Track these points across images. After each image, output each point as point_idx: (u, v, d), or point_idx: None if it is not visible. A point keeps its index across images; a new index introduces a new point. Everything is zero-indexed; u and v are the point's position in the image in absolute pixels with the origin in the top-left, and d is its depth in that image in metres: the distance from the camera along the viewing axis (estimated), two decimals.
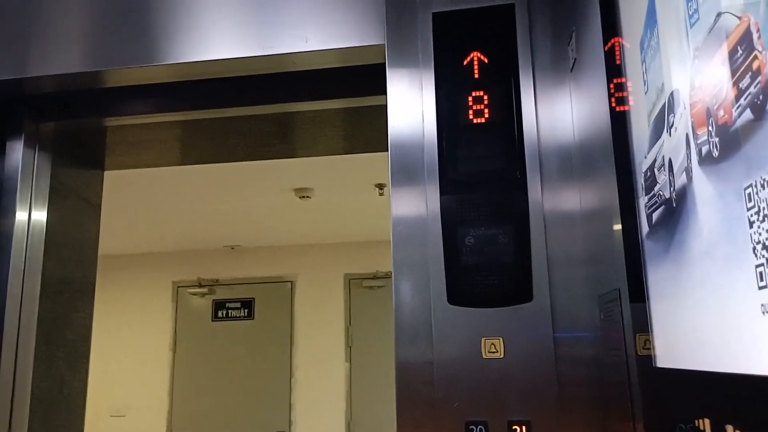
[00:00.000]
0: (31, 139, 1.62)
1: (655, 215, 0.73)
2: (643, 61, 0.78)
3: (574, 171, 1.22)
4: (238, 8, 1.46)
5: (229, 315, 7.02)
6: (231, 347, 6.87)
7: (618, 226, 0.94)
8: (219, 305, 7.08)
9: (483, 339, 1.18)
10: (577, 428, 1.14)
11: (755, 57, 0.43)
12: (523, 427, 1.14)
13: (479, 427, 1.15)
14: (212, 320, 7.04)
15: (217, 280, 7.09)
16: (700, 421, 0.57)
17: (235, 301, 7.03)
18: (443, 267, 1.22)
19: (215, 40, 1.45)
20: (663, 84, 0.69)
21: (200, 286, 7.07)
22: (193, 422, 6.76)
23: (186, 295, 7.11)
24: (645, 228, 0.78)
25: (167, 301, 7.12)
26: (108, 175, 1.94)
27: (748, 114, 0.45)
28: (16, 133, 1.60)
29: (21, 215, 1.57)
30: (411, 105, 1.32)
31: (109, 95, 1.60)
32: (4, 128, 1.59)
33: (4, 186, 1.56)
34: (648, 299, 0.77)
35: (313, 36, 1.42)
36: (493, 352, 1.18)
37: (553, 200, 1.23)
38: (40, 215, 1.61)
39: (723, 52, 0.48)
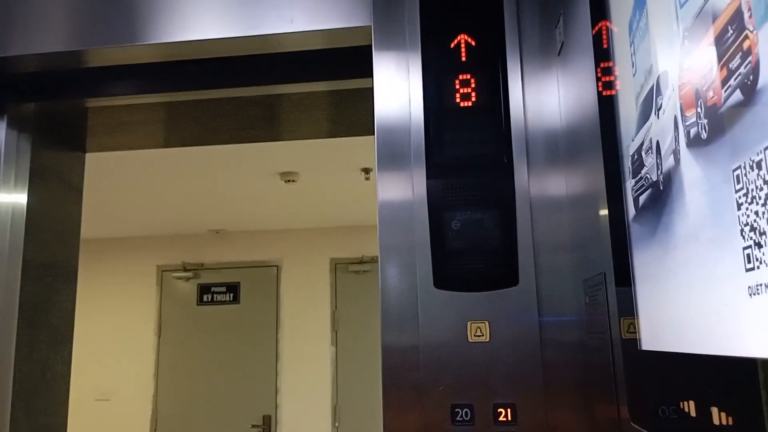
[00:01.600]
0: (13, 119, 1.58)
1: (641, 198, 0.73)
2: (632, 43, 0.78)
3: (561, 155, 1.22)
4: None
5: (215, 299, 7.00)
6: (216, 331, 6.86)
7: (604, 211, 0.94)
8: (204, 289, 7.05)
9: (469, 323, 1.18)
10: (562, 411, 1.15)
11: (746, 37, 0.43)
12: (509, 410, 1.14)
13: (465, 410, 1.16)
14: (197, 304, 7.01)
15: (202, 264, 7.06)
16: (685, 403, 0.57)
17: (220, 286, 7.00)
18: (429, 251, 1.22)
19: (199, 20, 1.43)
20: (651, 66, 0.68)
21: (185, 270, 7.03)
22: (178, 406, 6.76)
23: (170, 279, 7.07)
24: (631, 211, 0.78)
25: (152, 285, 7.08)
26: (90, 157, 1.92)
27: (737, 95, 0.45)
28: None
29: (2, 198, 1.54)
30: (398, 88, 1.31)
31: (91, 75, 1.57)
32: None
33: None
34: (633, 283, 0.78)
35: (299, 17, 1.40)
36: (479, 336, 1.18)
37: (540, 185, 1.23)
38: (21, 198, 1.58)
39: (713, 32, 0.48)
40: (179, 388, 6.79)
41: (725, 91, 0.46)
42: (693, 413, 0.56)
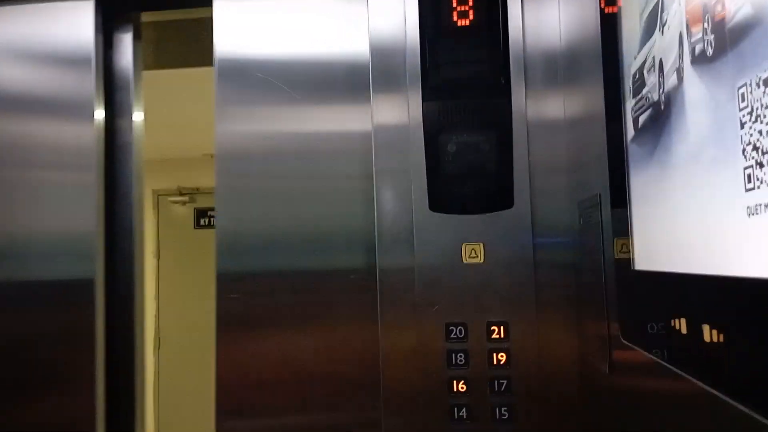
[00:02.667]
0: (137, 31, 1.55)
1: (641, 119, 0.72)
2: None
3: (559, 77, 1.20)
4: None
5: (211, 223, 7.05)
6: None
7: (602, 132, 0.93)
8: (201, 213, 7.08)
9: (464, 244, 1.20)
10: (554, 328, 1.18)
11: None
12: (501, 328, 1.18)
13: (459, 327, 1.19)
14: (195, 228, 7.06)
15: (197, 189, 7.05)
16: (676, 320, 0.58)
17: None
18: (425, 174, 1.21)
19: None
20: None
21: (181, 194, 7.03)
22: (180, 325, 6.93)
23: (167, 204, 7.08)
24: (630, 132, 0.77)
25: (149, 209, 7.09)
26: None
27: (747, 8, 0.43)
28: (125, 24, 1.53)
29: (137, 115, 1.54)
30: (393, 5, 1.27)
31: None
32: (112, 19, 1.50)
33: (116, 83, 1.51)
34: (629, 203, 0.78)
35: None
36: (474, 257, 1.19)
37: (537, 107, 1.22)
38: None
39: None
40: (180, 308, 6.94)
41: (734, 5, 0.45)
42: (684, 330, 0.57)
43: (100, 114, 1.45)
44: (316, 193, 1.34)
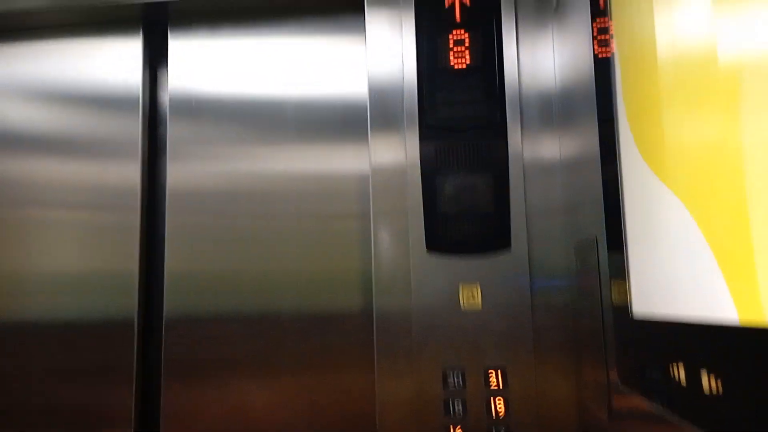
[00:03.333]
0: None
1: None
2: None
3: (555, 118, 1.20)
4: None
5: None
6: None
7: (598, 174, 0.93)
8: None
9: (461, 286, 1.18)
10: (552, 374, 1.15)
11: None
12: (499, 373, 1.15)
13: (456, 372, 1.16)
14: None
15: None
16: (674, 366, 0.57)
17: None
18: (422, 215, 1.21)
19: None
20: None
21: None
22: None
23: None
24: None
25: None
26: None
27: None
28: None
29: None
30: (391, 48, 1.28)
31: None
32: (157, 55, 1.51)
33: (159, 119, 1.50)
34: (626, 246, 0.77)
35: None
36: (471, 299, 1.18)
37: (533, 147, 1.22)
38: None
39: None
40: None
41: None
42: (682, 376, 0.55)
43: (145, 152, 1.45)
44: (307, 233, 1.34)
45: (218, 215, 1.38)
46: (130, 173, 1.42)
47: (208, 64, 1.44)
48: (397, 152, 1.25)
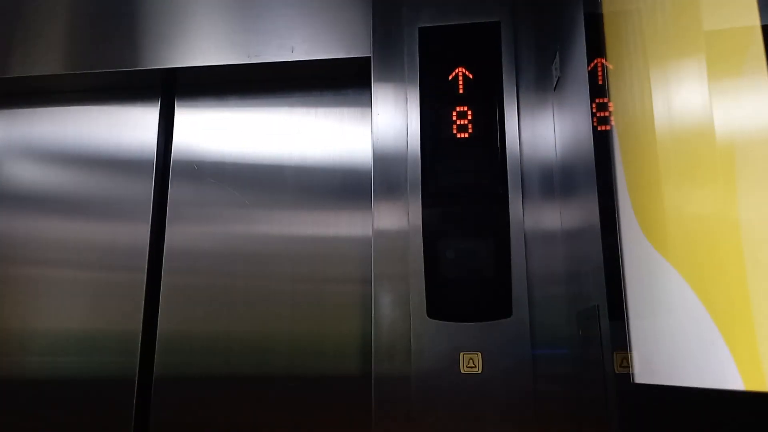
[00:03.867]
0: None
1: None
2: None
3: (556, 189, 1.23)
4: (225, 16, 1.46)
5: None
6: None
7: (598, 244, 0.94)
8: None
9: (461, 353, 1.18)
10: None
11: None
12: None
13: None
14: None
15: None
16: None
17: None
18: (423, 281, 1.22)
19: (201, 46, 1.44)
20: None
21: None
22: None
23: None
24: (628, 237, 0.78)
25: None
26: None
27: None
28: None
29: None
30: (396, 118, 1.33)
31: None
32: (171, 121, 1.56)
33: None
34: (627, 316, 0.78)
35: (300, 46, 1.42)
36: (472, 367, 1.17)
37: (534, 217, 1.24)
38: None
39: None
40: None
41: None
42: None
43: (155, 214, 1.47)
44: (302, 295, 1.35)
45: (214, 276, 1.39)
46: (139, 234, 1.44)
47: (211, 130, 1.49)
48: (399, 218, 1.27)
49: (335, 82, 1.48)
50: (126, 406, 1.36)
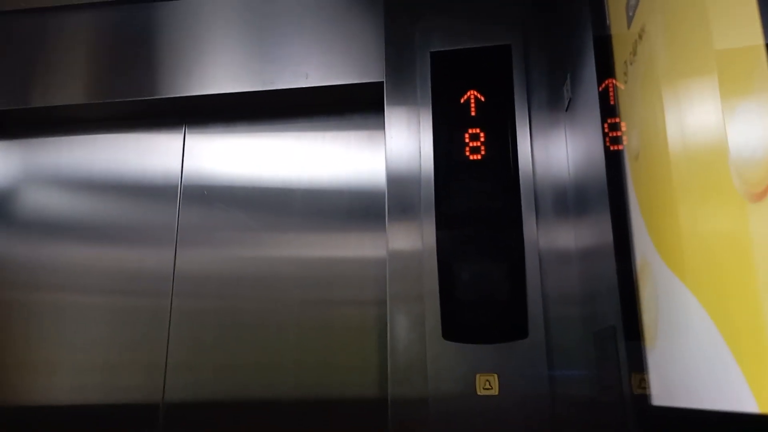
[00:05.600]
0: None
1: None
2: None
3: (569, 209, 1.23)
4: (240, 44, 1.49)
5: None
6: None
7: (613, 264, 0.94)
8: None
9: (478, 375, 1.17)
10: None
11: None
12: None
13: None
14: None
15: None
16: None
17: None
18: (438, 302, 1.22)
19: (217, 74, 1.47)
20: None
21: None
22: None
23: None
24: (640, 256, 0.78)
25: None
26: None
27: None
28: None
29: None
30: (409, 141, 1.34)
31: None
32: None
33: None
34: (643, 337, 0.78)
35: (314, 72, 1.44)
36: (488, 389, 1.17)
37: (549, 237, 1.24)
38: None
39: None
40: None
41: None
42: None
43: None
44: (310, 318, 1.36)
45: (222, 299, 1.41)
46: (164, 259, 1.46)
47: (220, 156, 1.51)
48: (414, 240, 1.28)
49: (343, 107, 1.50)
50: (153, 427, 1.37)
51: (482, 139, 1.30)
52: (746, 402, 0.47)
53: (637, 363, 0.81)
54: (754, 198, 0.45)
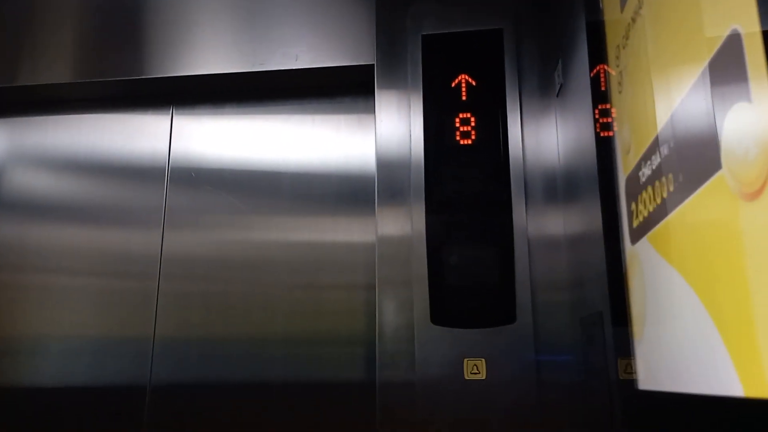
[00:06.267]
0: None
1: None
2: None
3: (559, 195, 1.23)
4: (230, 24, 1.47)
5: None
6: None
7: (601, 250, 0.95)
8: None
9: (465, 360, 1.18)
10: None
11: None
12: None
13: None
14: None
15: None
16: None
17: None
18: (427, 287, 1.22)
19: (206, 55, 1.46)
20: None
21: None
22: None
23: None
24: (628, 245, 0.79)
25: None
26: None
27: None
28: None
29: None
30: (399, 125, 1.33)
31: None
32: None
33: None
34: (630, 322, 0.78)
35: (304, 54, 1.43)
36: (476, 374, 1.17)
37: (538, 223, 1.24)
38: None
39: None
40: None
41: None
42: None
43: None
44: (297, 301, 1.36)
45: (210, 282, 1.40)
46: (151, 240, 1.45)
47: (208, 138, 1.50)
48: (403, 224, 1.27)
49: (333, 90, 1.49)
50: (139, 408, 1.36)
51: (473, 124, 1.30)
52: (732, 386, 0.47)
53: (624, 348, 0.82)
54: (747, 198, 0.45)
